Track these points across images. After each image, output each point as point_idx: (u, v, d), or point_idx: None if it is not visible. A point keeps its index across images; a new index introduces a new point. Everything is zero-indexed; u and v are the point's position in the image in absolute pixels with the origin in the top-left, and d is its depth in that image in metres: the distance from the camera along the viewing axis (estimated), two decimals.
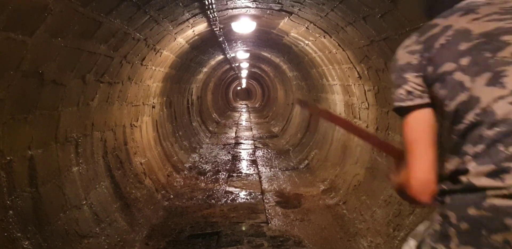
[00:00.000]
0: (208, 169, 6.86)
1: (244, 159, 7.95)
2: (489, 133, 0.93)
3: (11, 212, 2.25)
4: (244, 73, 21.22)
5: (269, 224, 4.04)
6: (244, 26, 6.06)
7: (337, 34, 4.51)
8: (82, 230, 2.94)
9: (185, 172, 6.43)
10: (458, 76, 0.97)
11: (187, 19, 4.88)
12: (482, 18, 0.99)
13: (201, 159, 7.74)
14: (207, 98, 14.68)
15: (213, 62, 10.88)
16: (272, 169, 6.88)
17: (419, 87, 1.04)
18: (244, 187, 5.63)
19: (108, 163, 3.92)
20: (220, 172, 6.66)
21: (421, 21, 2.59)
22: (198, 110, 11.75)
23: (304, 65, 7.70)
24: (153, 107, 6.15)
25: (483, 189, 0.91)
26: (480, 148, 0.94)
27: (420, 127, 1.04)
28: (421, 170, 1.00)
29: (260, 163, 7.48)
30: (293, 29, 5.80)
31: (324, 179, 5.52)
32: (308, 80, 8.32)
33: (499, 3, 1.02)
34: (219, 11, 5.08)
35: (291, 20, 5.28)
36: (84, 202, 3.17)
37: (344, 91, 5.65)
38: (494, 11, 1.00)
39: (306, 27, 5.22)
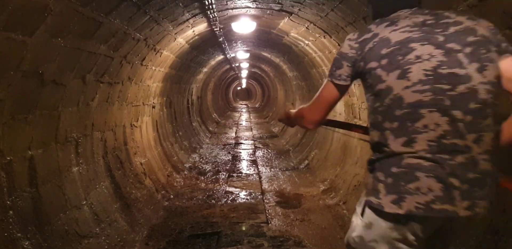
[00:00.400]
0: (208, 169, 6.86)
1: (244, 159, 7.95)
2: (400, 113, 1.29)
3: (11, 212, 2.25)
4: (244, 73, 21.22)
5: (269, 224, 4.04)
6: (244, 26, 6.06)
7: (337, 34, 4.51)
8: (82, 230, 2.94)
9: (185, 172, 6.43)
10: (379, 72, 1.33)
11: (187, 19, 4.88)
12: (399, 30, 1.34)
13: (201, 159, 7.74)
14: (207, 98, 14.68)
15: (213, 62, 10.88)
16: (272, 169, 6.88)
17: (346, 74, 1.44)
18: (244, 187, 5.63)
19: (108, 163, 3.92)
20: (220, 172, 6.66)
21: None
22: (198, 110, 11.75)
23: (304, 65, 7.70)
24: (153, 107, 6.15)
25: (400, 154, 1.29)
26: (395, 124, 1.30)
27: (333, 95, 1.50)
28: (318, 114, 1.55)
29: (260, 163, 7.47)
30: (293, 29, 5.80)
31: (324, 179, 5.52)
32: (308, 80, 8.32)
33: (413, 17, 1.38)
34: (219, 11, 5.08)
35: (291, 20, 5.28)
36: (84, 202, 3.17)
37: None
38: (408, 24, 1.35)
39: (306, 27, 5.22)
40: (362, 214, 1.40)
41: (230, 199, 5.03)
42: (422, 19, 1.35)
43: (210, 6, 4.56)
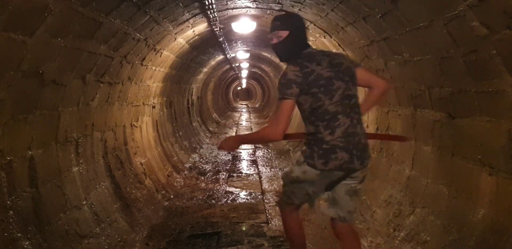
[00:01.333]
0: (208, 169, 6.86)
1: (244, 159, 7.95)
2: (327, 116, 2.23)
3: (11, 212, 2.25)
4: (244, 73, 21.23)
5: (269, 224, 4.04)
6: (244, 26, 6.06)
7: (337, 34, 4.51)
8: (82, 230, 2.94)
9: (185, 172, 6.43)
10: (319, 94, 2.23)
11: (187, 19, 4.88)
12: (324, 69, 2.26)
13: (201, 159, 7.74)
14: (207, 98, 14.68)
15: (213, 62, 10.88)
16: (273, 169, 6.88)
17: (295, 92, 2.24)
18: (244, 187, 5.63)
19: (108, 163, 3.92)
20: (220, 172, 6.66)
21: (421, 22, 2.59)
22: (198, 110, 11.75)
23: None
24: (153, 107, 6.15)
25: (328, 140, 2.22)
26: (325, 123, 2.24)
27: (289, 108, 2.27)
28: (284, 124, 2.27)
29: (260, 163, 7.48)
30: None
31: None
32: None
33: (322, 59, 2.31)
34: (219, 11, 5.08)
35: None
36: (84, 202, 3.17)
37: None
38: (326, 65, 2.27)
39: (306, 27, 5.22)
40: (300, 165, 2.35)
41: (230, 199, 5.03)
42: (328, 60, 2.30)
43: (210, 6, 4.56)
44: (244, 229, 3.92)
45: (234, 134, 12.16)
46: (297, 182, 2.42)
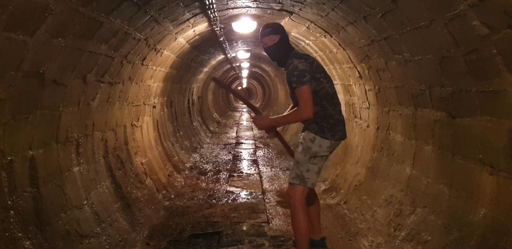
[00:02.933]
0: (209, 169, 6.86)
1: (245, 159, 7.95)
2: (328, 97, 2.88)
3: (12, 212, 2.25)
4: (244, 73, 21.21)
5: (270, 224, 4.04)
6: (245, 26, 6.06)
7: (337, 34, 4.51)
8: (83, 230, 2.95)
9: (186, 172, 6.44)
10: (321, 79, 2.86)
11: (188, 19, 4.88)
12: (316, 62, 2.94)
13: (202, 159, 7.74)
14: (208, 98, 14.68)
15: (213, 62, 10.88)
16: (273, 169, 6.88)
17: (308, 79, 2.75)
18: (245, 187, 5.63)
19: (109, 163, 3.92)
20: (221, 171, 6.66)
21: (422, 21, 2.59)
22: (199, 110, 11.75)
23: None
24: (154, 107, 6.15)
25: (333, 115, 2.90)
26: (329, 101, 2.89)
27: (309, 91, 2.74)
28: (312, 104, 2.74)
29: (261, 162, 7.47)
30: (294, 29, 5.80)
31: (324, 178, 5.51)
32: None
33: (312, 57, 3.03)
34: (219, 11, 5.08)
35: (292, 20, 5.27)
36: (85, 202, 3.17)
37: (345, 91, 5.65)
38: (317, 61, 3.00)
39: (307, 27, 5.21)
40: (313, 141, 2.87)
41: (231, 198, 5.03)
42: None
43: (211, 6, 4.56)
44: (244, 228, 3.92)
45: (235, 133, 12.16)
46: (315, 156, 2.90)
